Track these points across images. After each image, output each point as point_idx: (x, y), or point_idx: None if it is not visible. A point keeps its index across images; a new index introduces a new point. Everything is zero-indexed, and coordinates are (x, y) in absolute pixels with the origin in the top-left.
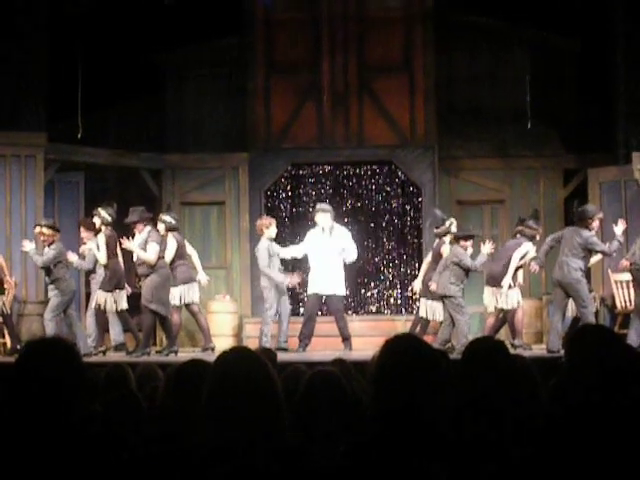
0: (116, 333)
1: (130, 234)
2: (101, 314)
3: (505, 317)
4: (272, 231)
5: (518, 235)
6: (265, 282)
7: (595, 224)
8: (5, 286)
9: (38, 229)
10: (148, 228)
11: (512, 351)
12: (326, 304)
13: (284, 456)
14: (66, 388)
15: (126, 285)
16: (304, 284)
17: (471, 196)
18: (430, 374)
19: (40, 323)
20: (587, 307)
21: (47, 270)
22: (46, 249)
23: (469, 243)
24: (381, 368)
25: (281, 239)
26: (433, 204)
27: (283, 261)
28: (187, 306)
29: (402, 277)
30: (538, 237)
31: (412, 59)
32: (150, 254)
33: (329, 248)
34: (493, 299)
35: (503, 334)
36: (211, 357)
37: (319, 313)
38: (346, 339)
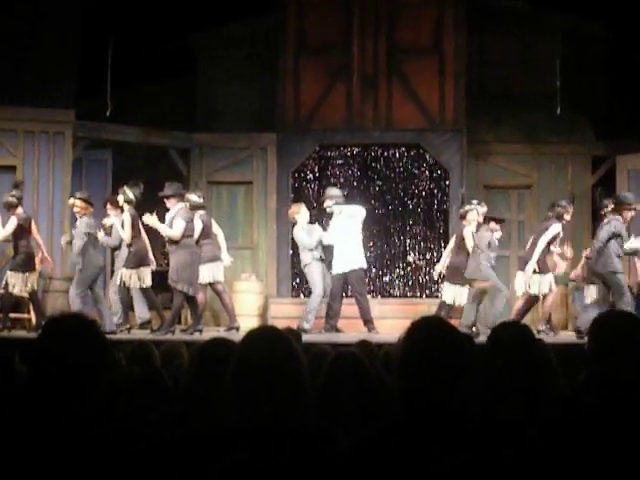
0: (141, 310)
1: (160, 209)
2: (125, 291)
3: (531, 301)
4: (304, 215)
5: (550, 215)
6: (308, 258)
7: (629, 214)
8: (40, 263)
9: (72, 200)
10: (180, 205)
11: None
12: (348, 283)
13: (307, 438)
14: (87, 365)
15: (153, 261)
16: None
17: (499, 181)
18: (455, 358)
19: (65, 299)
20: (623, 295)
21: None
22: (79, 221)
23: (498, 226)
24: (407, 351)
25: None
26: (460, 188)
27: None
28: (212, 285)
29: (428, 260)
30: (568, 217)
31: (442, 42)
32: (174, 230)
33: (346, 228)
34: (523, 284)
35: (528, 319)
36: (235, 337)
37: (344, 295)
38: (368, 321)
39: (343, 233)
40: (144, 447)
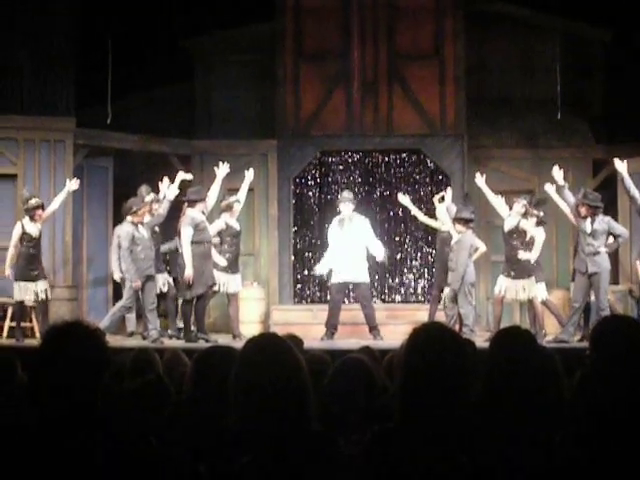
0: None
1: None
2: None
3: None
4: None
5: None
6: None
7: (582, 210)
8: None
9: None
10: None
11: None
12: (354, 292)
13: (310, 442)
14: (89, 371)
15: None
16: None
17: (499, 186)
18: (456, 362)
19: (67, 307)
20: None
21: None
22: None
23: (464, 228)
24: (408, 356)
25: (309, 226)
26: (462, 193)
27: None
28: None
29: (430, 266)
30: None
31: (442, 47)
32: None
33: (350, 236)
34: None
35: (550, 324)
36: (237, 343)
37: (345, 301)
38: (374, 328)
39: (349, 240)
40: (147, 452)
